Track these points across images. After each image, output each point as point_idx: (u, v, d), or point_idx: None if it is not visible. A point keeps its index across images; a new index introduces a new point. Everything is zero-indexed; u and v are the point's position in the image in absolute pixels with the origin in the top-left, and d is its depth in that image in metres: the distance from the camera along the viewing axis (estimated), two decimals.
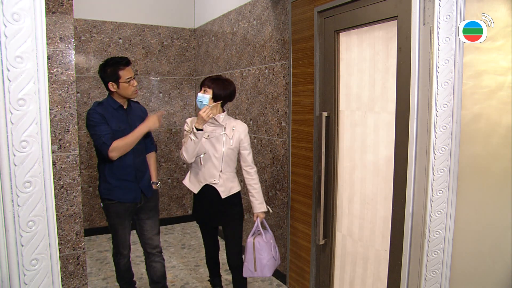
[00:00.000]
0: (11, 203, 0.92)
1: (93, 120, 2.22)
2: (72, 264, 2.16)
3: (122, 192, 2.33)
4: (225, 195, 2.33)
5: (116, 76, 2.23)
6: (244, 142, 2.34)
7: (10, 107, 0.89)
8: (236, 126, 2.34)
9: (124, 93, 2.27)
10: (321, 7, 2.30)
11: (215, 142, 2.30)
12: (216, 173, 2.30)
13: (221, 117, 2.31)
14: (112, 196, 2.33)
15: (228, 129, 2.32)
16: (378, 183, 2.07)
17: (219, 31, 3.89)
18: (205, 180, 2.33)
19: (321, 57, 2.36)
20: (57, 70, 1.99)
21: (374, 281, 2.16)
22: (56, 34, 1.99)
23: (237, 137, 2.32)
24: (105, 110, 2.25)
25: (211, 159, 2.30)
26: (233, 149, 2.32)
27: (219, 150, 2.29)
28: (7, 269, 0.94)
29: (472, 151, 1.57)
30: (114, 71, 2.22)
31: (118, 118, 2.29)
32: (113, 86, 2.25)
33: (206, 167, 2.31)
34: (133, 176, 2.36)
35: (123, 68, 2.25)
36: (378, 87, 2.03)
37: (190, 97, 4.54)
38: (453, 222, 1.55)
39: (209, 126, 2.32)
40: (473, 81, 1.54)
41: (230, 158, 2.33)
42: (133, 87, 2.29)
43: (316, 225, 2.46)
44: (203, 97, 2.28)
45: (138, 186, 2.38)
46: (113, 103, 2.30)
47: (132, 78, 2.27)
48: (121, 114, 2.32)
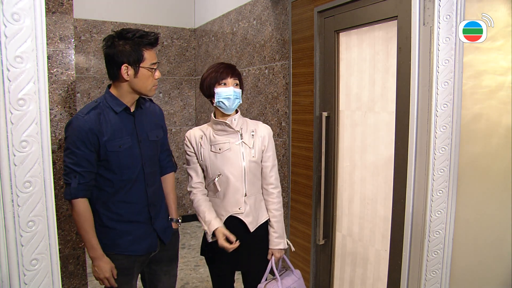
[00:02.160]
0: (11, 203, 0.92)
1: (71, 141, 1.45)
2: (72, 264, 2.16)
3: (131, 241, 1.59)
4: (254, 227, 1.74)
5: (137, 56, 1.48)
6: (267, 151, 1.76)
7: (10, 107, 0.89)
8: (257, 130, 1.76)
9: (141, 86, 1.53)
10: (321, 7, 2.30)
11: (231, 157, 1.70)
12: (240, 199, 1.71)
13: (234, 121, 1.72)
14: (115, 249, 1.58)
15: (246, 135, 1.74)
16: (378, 183, 2.07)
17: (219, 31, 3.89)
18: (226, 211, 1.73)
19: (321, 57, 2.36)
20: (57, 70, 1.99)
21: (374, 281, 2.16)
22: (56, 34, 1.99)
23: (259, 144, 1.74)
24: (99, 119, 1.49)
25: (229, 181, 1.70)
26: (257, 162, 1.74)
27: (238, 167, 1.70)
28: (7, 269, 0.94)
29: (472, 151, 1.57)
30: (137, 48, 1.48)
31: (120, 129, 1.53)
32: (128, 72, 1.48)
33: (226, 193, 1.72)
34: (146, 216, 1.64)
35: (150, 48, 1.52)
36: (378, 87, 2.03)
37: (190, 97, 4.54)
38: (453, 222, 1.55)
39: (219, 136, 1.72)
40: (473, 81, 1.54)
41: (254, 174, 1.74)
42: (155, 80, 1.57)
43: (316, 225, 2.46)
44: (238, 92, 1.71)
45: (153, 229, 1.66)
46: (114, 105, 1.53)
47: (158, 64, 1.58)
48: (126, 122, 1.56)
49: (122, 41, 1.48)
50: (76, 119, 1.47)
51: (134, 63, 1.48)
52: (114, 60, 1.48)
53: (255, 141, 1.73)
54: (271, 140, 1.78)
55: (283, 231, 1.81)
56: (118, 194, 1.55)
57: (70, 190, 1.47)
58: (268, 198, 1.79)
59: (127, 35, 1.47)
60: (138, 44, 1.49)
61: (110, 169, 1.52)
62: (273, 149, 1.79)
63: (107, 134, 1.49)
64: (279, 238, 1.78)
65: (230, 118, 1.72)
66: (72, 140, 1.46)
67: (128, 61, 1.47)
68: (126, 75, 1.48)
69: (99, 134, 1.48)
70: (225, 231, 1.66)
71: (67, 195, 1.49)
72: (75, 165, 1.46)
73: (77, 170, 1.46)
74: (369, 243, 2.17)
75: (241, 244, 1.69)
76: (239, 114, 1.76)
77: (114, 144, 1.51)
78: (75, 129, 1.45)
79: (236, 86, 1.71)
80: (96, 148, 1.48)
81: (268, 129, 1.79)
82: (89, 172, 1.49)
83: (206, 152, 1.73)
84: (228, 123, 1.70)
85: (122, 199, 1.56)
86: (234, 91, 1.68)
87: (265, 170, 1.77)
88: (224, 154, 1.70)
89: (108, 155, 1.50)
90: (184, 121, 4.52)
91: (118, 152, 1.51)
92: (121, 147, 1.52)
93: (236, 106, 1.71)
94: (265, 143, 1.75)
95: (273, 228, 1.78)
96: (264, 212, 1.79)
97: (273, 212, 1.78)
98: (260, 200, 1.79)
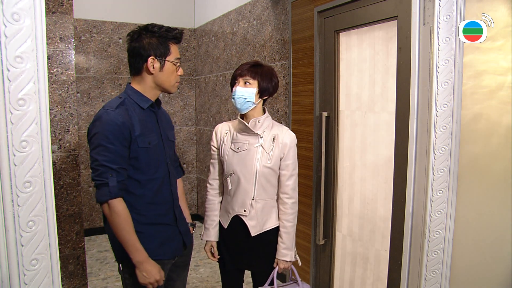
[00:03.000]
0: (11, 203, 0.92)
1: (103, 137, 1.36)
2: (72, 264, 2.16)
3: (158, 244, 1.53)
4: (256, 232, 1.71)
5: (164, 49, 1.47)
6: (286, 159, 1.69)
7: (10, 107, 0.89)
8: (279, 135, 1.69)
9: (165, 80, 1.50)
10: (321, 7, 2.30)
11: (246, 158, 1.68)
12: (247, 201, 1.69)
13: (258, 123, 1.68)
14: None
15: (267, 139, 1.69)
16: (378, 183, 2.07)
17: (219, 31, 3.89)
18: (233, 210, 1.73)
19: (321, 57, 2.36)
20: (57, 70, 1.99)
21: (374, 281, 2.16)
22: (56, 34, 1.99)
23: (277, 151, 1.68)
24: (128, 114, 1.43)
25: (240, 182, 1.68)
26: (272, 168, 1.68)
27: (250, 169, 1.67)
28: (7, 269, 0.94)
29: (472, 151, 1.57)
30: (164, 41, 1.47)
31: (147, 126, 1.48)
32: (154, 65, 1.45)
33: (236, 193, 1.71)
34: (172, 217, 1.60)
35: (175, 43, 1.51)
36: (378, 87, 2.03)
37: (190, 97, 4.54)
38: (453, 222, 1.55)
39: (241, 135, 1.71)
40: (473, 81, 1.54)
41: (267, 179, 1.69)
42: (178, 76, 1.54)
43: (316, 225, 2.46)
44: (246, 91, 1.64)
45: (178, 231, 1.62)
46: (140, 100, 1.48)
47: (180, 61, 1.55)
48: (151, 119, 1.53)
49: (149, 34, 1.46)
50: (107, 114, 1.39)
51: (160, 56, 1.46)
52: (140, 53, 1.44)
53: (275, 147, 1.67)
54: (292, 149, 1.70)
55: (292, 244, 1.74)
56: (146, 195, 1.49)
57: (110, 190, 1.36)
58: (281, 207, 1.74)
59: (154, 29, 1.46)
60: (165, 38, 1.47)
61: (139, 168, 1.46)
62: (294, 158, 1.71)
63: (137, 129, 1.43)
64: (287, 249, 1.72)
65: (254, 119, 1.67)
66: (104, 135, 1.36)
67: (155, 54, 1.45)
68: (152, 68, 1.45)
69: (131, 129, 1.41)
70: (212, 247, 1.81)
71: (104, 196, 1.37)
72: (110, 162, 1.36)
73: (113, 168, 1.36)
74: (369, 243, 2.17)
75: (243, 245, 1.74)
76: (265, 116, 1.70)
77: (145, 140, 1.45)
78: (108, 123, 1.37)
79: (245, 85, 1.65)
80: (129, 143, 1.41)
81: (291, 137, 1.71)
82: (124, 170, 1.41)
83: (227, 148, 1.73)
84: (248, 126, 1.67)
85: (150, 201, 1.50)
86: (238, 90, 1.64)
87: (282, 179, 1.71)
88: (241, 154, 1.68)
89: (139, 152, 1.44)
90: (184, 121, 4.52)
91: (148, 148, 1.45)
92: (150, 144, 1.47)
93: (245, 106, 1.65)
94: (285, 151, 1.68)
95: (281, 239, 1.73)
96: (272, 220, 1.74)
97: (283, 223, 1.72)
98: (271, 207, 1.74)
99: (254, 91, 1.64)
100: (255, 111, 1.68)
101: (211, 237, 1.79)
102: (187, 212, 1.78)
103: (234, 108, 3.60)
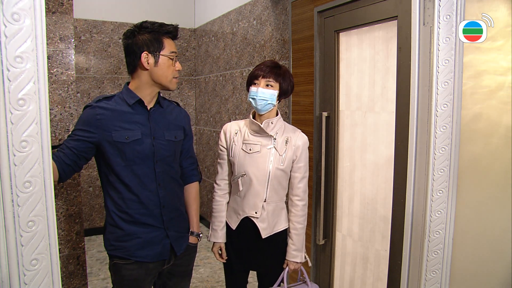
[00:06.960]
0: (11, 203, 0.92)
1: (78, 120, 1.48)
2: (72, 264, 2.16)
3: (139, 244, 1.50)
4: (267, 234, 1.71)
5: (157, 44, 1.47)
6: (299, 161, 1.70)
7: (10, 107, 0.89)
8: (292, 138, 1.70)
9: (161, 75, 1.48)
10: (321, 7, 2.30)
11: (259, 159, 1.66)
12: (258, 203, 1.68)
13: (271, 124, 1.68)
14: (124, 252, 1.50)
15: (280, 141, 1.69)
16: (378, 183, 2.07)
17: (219, 31, 3.89)
18: (243, 212, 1.71)
19: (321, 57, 2.36)
20: (57, 70, 1.99)
21: (374, 281, 2.16)
22: (56, 34, 1.99)
23: (290, 153, 1.68)
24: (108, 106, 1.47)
25: (252, 183, 1.67)
26: (284, 170, 1.69)
27: (263, 171, 1.66)
28: (7, 269, 0.94)
29: (472, 151, 1.57)
30: (156, 36, 1.47)
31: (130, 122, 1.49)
32: (148, 60, 1.45)
33: (247, 194, 1.69)
34: (159, 219, 1.53)
35: (169, 37, 1.52)
36: (378, 87, 2.03)
37: (190, 97, 4.54)
38: (453, 222, 1.55)
39: (253, 136, 1.70)
40: (473, 81, 1.54)
41: (279, 182, 1.69)
42: (176, 71, 1.53)
43: (316, 225, 2.46)
44: (268, 93, 1.63)
45: (166, 235, 1.56)
46: (128, 97, 1.49)
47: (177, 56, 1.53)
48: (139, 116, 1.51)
49: (142, 30, 1.48)
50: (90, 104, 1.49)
51: (154, 51, 1.46)
52: (134, 50, 1.46)
53: (287, 149, 1.68)
54: (304, 151, 1.72)
55: (302, 245, 1.75)
56: (126, 191, 1.48)
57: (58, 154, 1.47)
58: (292, 209, 1.74)
59: (147, 25, 1.47)
60: (158, 33, 1.48)
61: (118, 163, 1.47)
62: (305, 161, 1.72)
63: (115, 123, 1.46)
64: (297, 251, 1.73)
65: (267, 120, 1.67)
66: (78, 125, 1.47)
67: (148, 49, 1.45)
68: (146, 63, 1.45)
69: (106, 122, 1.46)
70: (221, 248, 1.78)
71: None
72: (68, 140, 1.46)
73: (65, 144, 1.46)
74: (369, 243, 2.17)
75: (253, 246, 1.72)
76: (278, 118, 1.70)
77: (122, 134, 1.46)
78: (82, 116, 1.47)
79: (267, 87, 1.64)
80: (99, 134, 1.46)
81: (303, 139, 1.73)
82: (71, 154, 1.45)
83: (237, 149, 1.71)
84: (262, 127, 1.66)
85: (130, 198, 1.49)
86: (261, 91, 1.63)
87: (293, 181, 1.72)
88: (253, 155, 1.67)
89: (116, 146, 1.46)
90: None
91: (124, 143, 1.46)
92: (128, 139, 1.46)
93: (266, 108, 1.65)
94: (298, 153, 1.70)
95: (292, 240, 1.73)
96: (283, 222, 1.75)
97: (294, 224, 1.73)
98: (281, 209, 1.74)
99: (276, 94, 1.65)
100: (270, 113, 1.68)
101: (219, 238, 1.76)
102: (195, 220, 1.71)
103: (234, 108, 3.60)
